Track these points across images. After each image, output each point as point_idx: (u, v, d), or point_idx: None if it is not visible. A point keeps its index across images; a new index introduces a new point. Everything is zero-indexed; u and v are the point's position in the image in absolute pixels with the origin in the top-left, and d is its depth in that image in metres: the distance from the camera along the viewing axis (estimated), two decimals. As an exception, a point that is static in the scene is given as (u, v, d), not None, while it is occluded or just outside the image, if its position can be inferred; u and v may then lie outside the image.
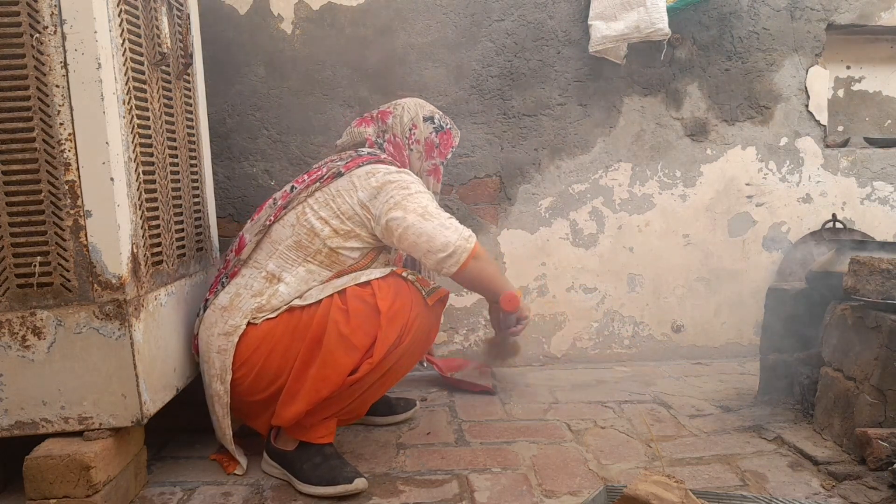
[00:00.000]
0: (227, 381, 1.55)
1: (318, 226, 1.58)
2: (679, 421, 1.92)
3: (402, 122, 1.79)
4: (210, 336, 1.57)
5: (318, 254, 1.59)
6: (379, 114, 1.81)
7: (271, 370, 1.54)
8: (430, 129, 1.81)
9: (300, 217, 1.60)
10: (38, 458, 1.33)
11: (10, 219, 1.31)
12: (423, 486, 1.55)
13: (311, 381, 1.50)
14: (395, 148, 1.78)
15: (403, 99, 1.86)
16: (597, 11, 2.32)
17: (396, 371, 1.61)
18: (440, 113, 1.85)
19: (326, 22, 2.37)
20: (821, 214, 2.58)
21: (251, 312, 1.55)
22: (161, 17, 1.57)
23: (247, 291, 1.58)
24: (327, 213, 1.59)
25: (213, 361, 1.55)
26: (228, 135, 2.39)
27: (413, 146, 1.79)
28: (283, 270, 1.59)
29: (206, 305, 1.63)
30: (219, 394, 1.56)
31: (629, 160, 2.51)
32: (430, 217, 1.57)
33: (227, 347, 1.53)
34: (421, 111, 1.81)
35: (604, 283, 2.55)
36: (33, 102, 1.29)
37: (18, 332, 1.35)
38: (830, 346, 1.73)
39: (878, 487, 1.40)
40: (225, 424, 1.59)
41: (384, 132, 1.79)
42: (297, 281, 1.59)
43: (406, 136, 1.79)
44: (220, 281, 1.66)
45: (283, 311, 1.56)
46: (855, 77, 2.70)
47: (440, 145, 1.82)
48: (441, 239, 1.55)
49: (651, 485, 1.14)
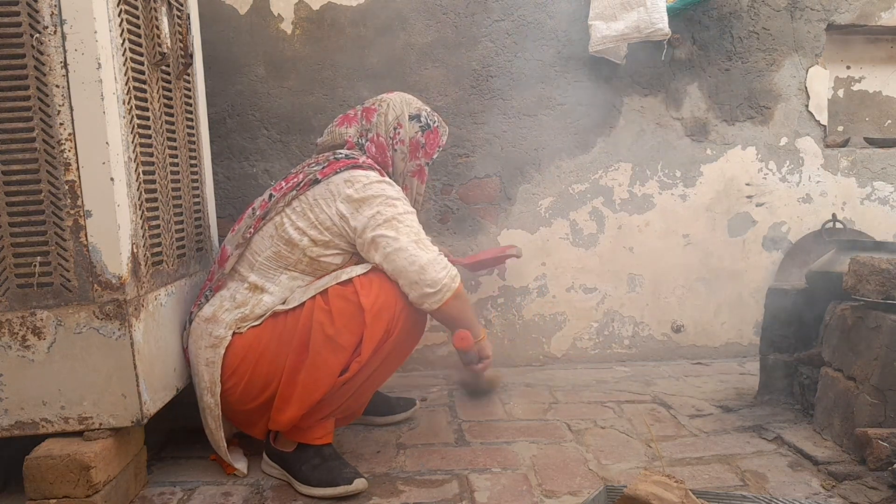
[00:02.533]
0: (217, 394, 1.54)
1: (296, 236, 1.55)
2: (679, 421, 1.92)
3: (387, 120, 1.71)
4: (198, 349, 1.56)
5: (299, 263, 1.57)
6: (364, 111, 1.74)
7: (261, 378, 1.53)
8: (416, 127, 1.73)
9: (278, 228, 1.57)
10: (38, 458, 1.33)
11: (10, 219, 1.31)
12: (423, 486, 1.55)
13: (302, 385, 1.49)
14: (377, 148, 1.70)
15: (390, 94, 1.78)
16: (597, 11, 2.32)
17: (388, 365, 1.61)
18: (427, 110, 1.77)
19: (326, 22, 2.37)
20: (821, 214, 2.58)
21: (235, 323, 1.54)
22: (161, 17, 1.57)
23: (230, 303, 1.57)
24: (304, 223, 1.56)
25: (202, 374, 1.55)
26: (228, 135, 2.39)
27: (397, 146, 1.72)
28: (266, 280, 1.58)
29: (192, 318, 1.62)
30: (210, 406, 1.55)
31: (629, 160, 2.51)
32: (424, 247, 1.54)
33: (215, 360, 1.53)
34: (407, 109, 1.73)
35: (604, 283, 2.55)
36: (33, 102, 1.29)
37: (18, 332, 1.35)
38: (830, 346, 1.73)
39: (878, 487, 1.40)
40: (218, 437, 1.58)
41: (367, 131, 1.71)
42: (280, 289, 1.57)
43: (390, 136, 1.71)
44: (205, 293, 1.64)
45: (267, 318, 1.55)
46: (855, 77, 2.70)
47: (426, 145, 1.74)
48: (432, 274, 1.52)
49: (651, 485, 1.14)
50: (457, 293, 1.57)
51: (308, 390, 1.49)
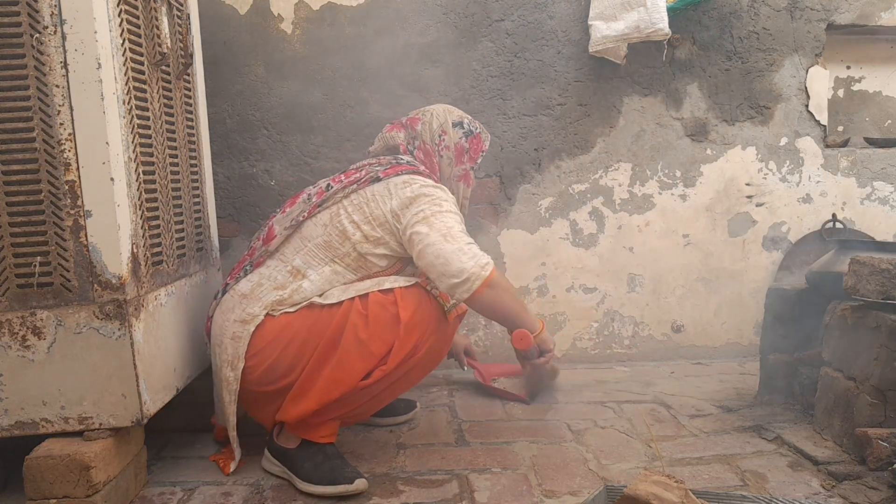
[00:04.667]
0: (239, 369, 1.54)
1: (350, 229, 1.58)
2: (679, 421, 1.92)
3: (432, 128, 1.77)
4: (225, 321, 1.56)
5: (347, 256, 1.59)
6: (408, 121, 1.80)
7: (284, 364, 1.53)
8: (460, 133, 1.78)
9: (334, 218, 1.60)
10: (39, 458, 1.33)
11: (10, 219, 1.31)
12: (423, 486, 1.55)
13: (324, 381, 1.50)
14: (424, 155, 1.77)
15: (432, 105, 1.85)
16: (597, 11, 2.32)
17: (407, 380, 1.62)
18: (469, 117, 1.83)
19: (326, 22, 2.37)
20: (821, 214, 2.58)
21: (271, 304, 1.55)
22: (161, 17, 1.57)
23: (269, 283, 1.58)
24: (360, 216, 1.59)
25: (225, 346, 1.55)
26: (228, 135, 2.39)
27: (443, 152, 1.77)
28: (309, 267, 1.59)
29: (226, 290, 1.63)
30: (228, 380, 1.55)
31: (629, 160, 2.51)
32: (451, 239, 1.54)
33: (243, 335, 1.53)
34: (450, 117, 1.79)
35: (604, 283, 2.55)
36: (33, 102, 1.29)
37: (18, 332, 1.35)
38: (830, 346, 1.73)
39: (878, 487, 1.40)
40: (230, 411, 1.58)
41: (413, 139, 1.77)
42: (321, 279, 1.58)
43: (436, 143, 1.77)
44: (244, 268, 1.64)
45: (302, 307, 1.55)
46: (855, 77, 2.70)
47: (470, 150, 1.79)
48: (457, 264, 1.52)
49: (651, 485, 1.14)
50: (489, 282, 1.54)
51: (328, 388, 1.50)
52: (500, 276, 1.59)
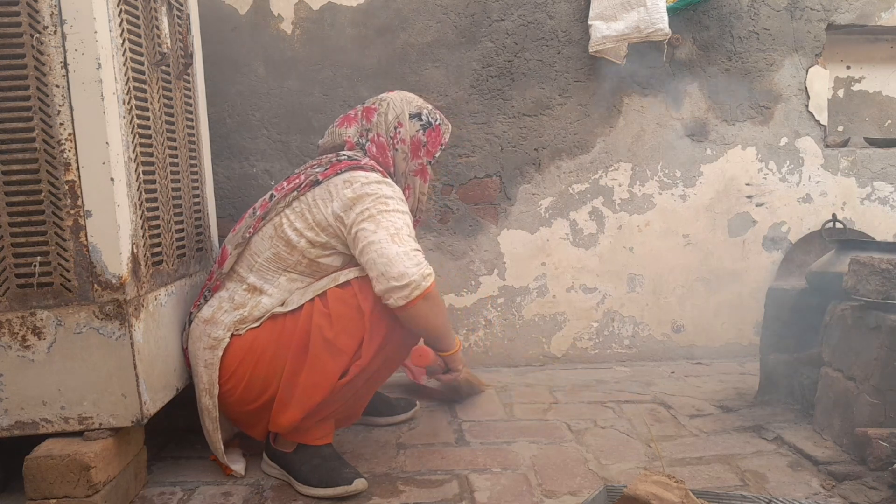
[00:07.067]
0: (215, 395, 1.54)
1: (294, 238, 1.53)
2: (679, 421, 1.92)
3: (387, 119, 1.68)
4: (196, 350, 1.55)
5: (298, 265, 1.56)
6: (364, 111, 1.71)
7: (259, 380, 1.52)
8: (417, 126, 1.69)
9: (277, 229, 1.55)
10: (39, 458, 1.33)
11: (10, 219, 1.31)
12: (423, 486, 1.55)
13: (302, 388, 1.49)
14: (378, 148, 1.68)
15: (390, 93, 1.75)
16: (597, 11, 2.32)
17: (388, 366, 1.61)
18: (429, 108, 1.74)
19: (326, 22, 2.37)
20: (821, 214, 2.58)
21: (233, 324, 1.54)
22: (161, 17, 1.57)
23: (228, 304, 1.56)
24: (302, 224, 1.53)
25: (200, 375, 1.54)
26: (228, 135, 2.39)
27: (398, 146, 1.68)
28: (265, 282, 1.56)
29: (191, 319, 1.62)
30: (208, 408, 1.55)
31: (629, 160, 2.51)
32: (399, 241, 1.46)
33: (213, 361, 1.53)
34: (407, 108, 1.70)
35: (604, 283, 2.55)
36: (33, 102, 1.29)
37: (18, 332, 1.35)
38: (830, 346, 1.73)
39: (878, 487, 1.40)
40: (216, 438, 1.57)
41: (367, 131, 1.68)
42: (279, 291, 1.56)
43: (390, 136, 1.68)
44: (203, 294, 1.63)
45: (266, 320, 1.54)
46: (855, 77, 2.70)
47: (428, 143, 1.71)
48: (399, 267, 1.43)
49: (651, 485, 1.14)
50: (427, 294, 1.46)
51: (307, 393, 1.48)
52: (436, 291, 1.51)
